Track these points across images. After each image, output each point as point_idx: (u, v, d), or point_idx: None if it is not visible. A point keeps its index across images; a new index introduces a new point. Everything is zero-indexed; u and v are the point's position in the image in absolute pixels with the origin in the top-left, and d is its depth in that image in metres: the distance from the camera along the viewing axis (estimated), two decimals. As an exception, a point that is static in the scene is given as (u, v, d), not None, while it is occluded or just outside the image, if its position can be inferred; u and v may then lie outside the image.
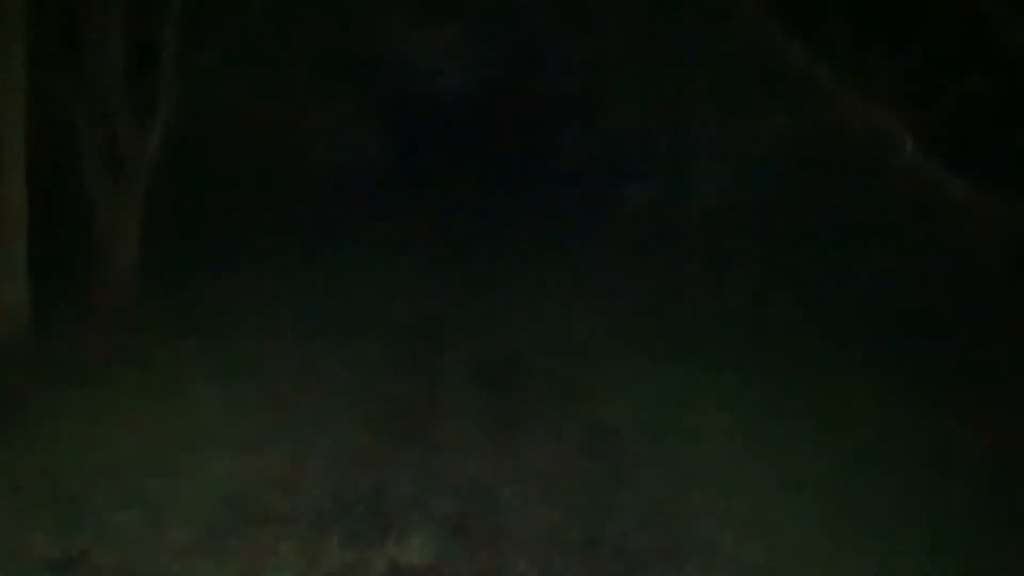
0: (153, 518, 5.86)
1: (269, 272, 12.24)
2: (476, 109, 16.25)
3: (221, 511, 6.07)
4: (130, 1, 10.00)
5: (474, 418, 8.56)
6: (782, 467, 7.53)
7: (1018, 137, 7.91)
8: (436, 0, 14.79)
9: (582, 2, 12.86)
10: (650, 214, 13.38)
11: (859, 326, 10.32)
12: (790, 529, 6.42)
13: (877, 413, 8.72)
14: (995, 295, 9.30)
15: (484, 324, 11.55)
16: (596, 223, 14.25)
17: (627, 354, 10.52)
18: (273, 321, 10.42)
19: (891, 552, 6.15)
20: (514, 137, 16.49)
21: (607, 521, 6.41)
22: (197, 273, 11.54)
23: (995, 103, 8.01)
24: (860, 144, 9.33)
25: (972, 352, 9.21)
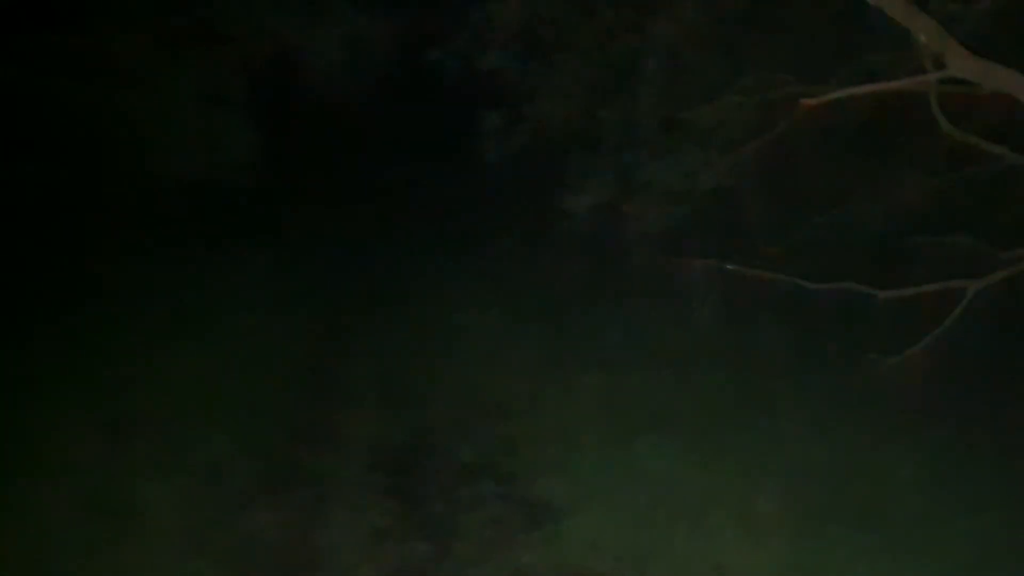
0: None
1: (77, 333, 8.47)
2: (369, 97, 13.00)
3: None
4: None
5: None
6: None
7: None
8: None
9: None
10: (598, 231, 10.16)
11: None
12: None
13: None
14: None
15: (388, 394, 8.44)
16: (528, 244, 11.14)
17: (588, 434, 7.50)
18: (68, 410, 6.95)
19: None
20: (418, 133, 13.22)
21: None
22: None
23: None
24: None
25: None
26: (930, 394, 7.36)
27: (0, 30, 8.63)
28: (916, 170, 8.21)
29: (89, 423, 7.00)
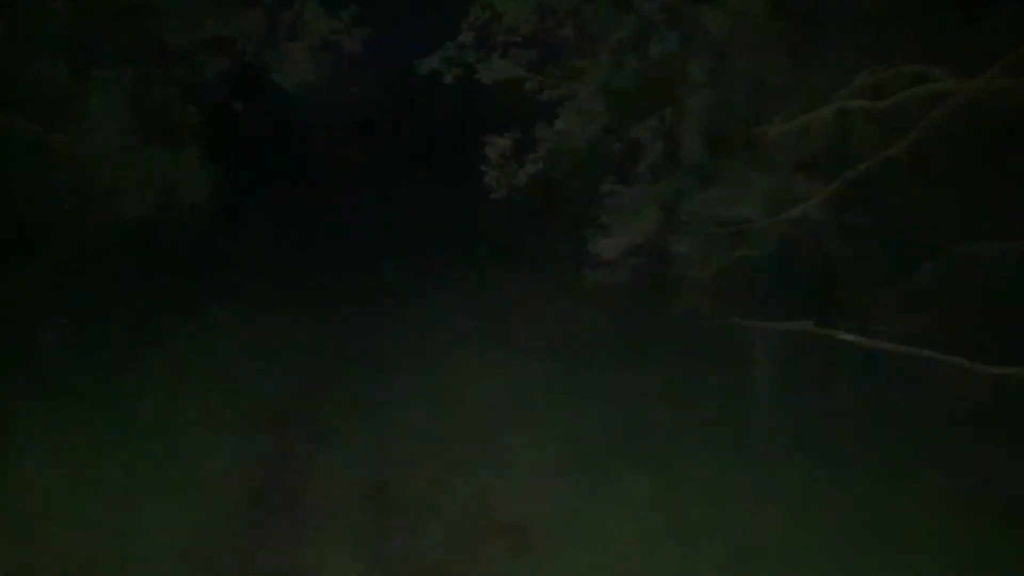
0: None
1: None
2: (348, 122, 11.17)
3: None
4: None
5: None
6: None
7: None
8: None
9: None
10: (637, 279, 8.13)
11: None
12: None
13: None
14: None
15: (368, 518, 6.31)
16: (550, 298, 9.19)
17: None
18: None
19: None
20: (408, 162, 11.46)
21: None
22: None
23: None
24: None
25: None
26: None
27: None
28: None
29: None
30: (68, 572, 5.40)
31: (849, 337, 5.85)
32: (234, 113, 10.71)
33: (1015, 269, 6.77)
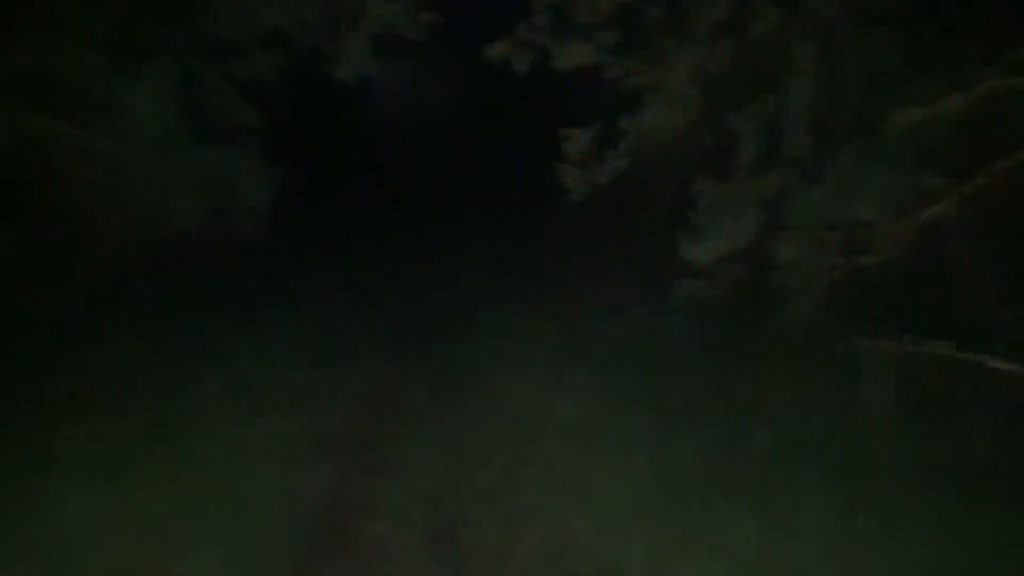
0: None
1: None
2: (411, 116, 10.67)
3: None
4: None
5: None
6: None
7: None
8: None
9: None
10: (734, 289, 7.41)
11: None
12: None
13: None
14: None
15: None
16: (636, 310, 8.40)
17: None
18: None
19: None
20: (477, 160, 10.86)
21: None
22: None
23: None
24: None
25: None
26: None
27: None
28: None
29: None
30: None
31: (994, 363, 4.94)
32: (292, 110, 10.24)
33: None
